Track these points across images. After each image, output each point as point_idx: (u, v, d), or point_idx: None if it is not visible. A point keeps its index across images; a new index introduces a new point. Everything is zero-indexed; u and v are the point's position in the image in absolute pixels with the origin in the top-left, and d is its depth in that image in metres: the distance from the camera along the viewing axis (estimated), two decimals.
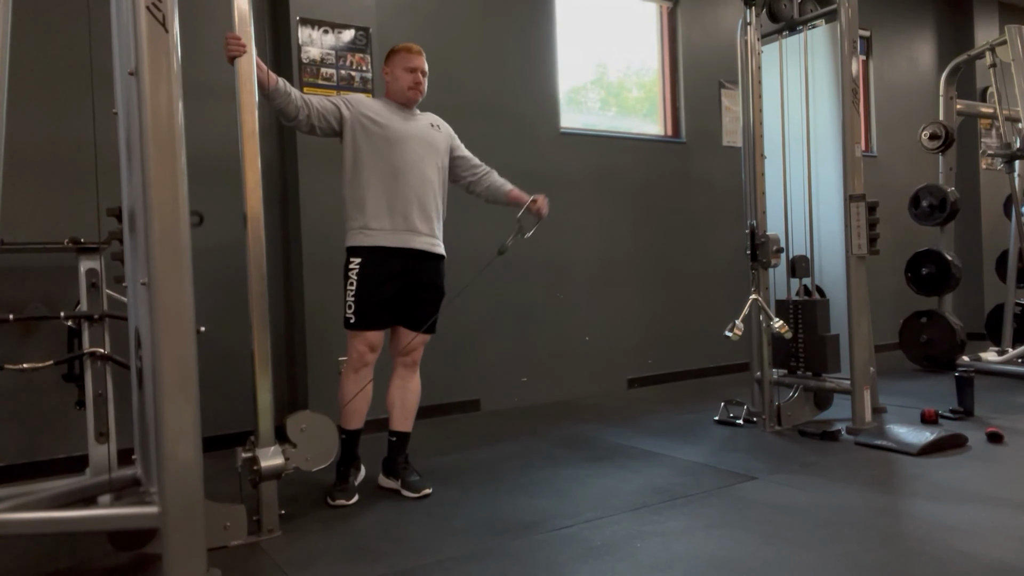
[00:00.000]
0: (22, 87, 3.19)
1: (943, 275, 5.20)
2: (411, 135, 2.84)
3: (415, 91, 2.89)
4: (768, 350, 3.66)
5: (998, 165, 5.65)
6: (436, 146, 2.91)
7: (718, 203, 5.48)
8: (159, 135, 1.95)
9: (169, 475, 1.94)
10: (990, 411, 3.82)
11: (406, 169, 2.79)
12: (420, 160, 2.83)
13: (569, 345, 4.81)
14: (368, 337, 2.76)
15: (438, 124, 2.98)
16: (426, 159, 2.86)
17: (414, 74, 2.88)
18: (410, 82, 2.87)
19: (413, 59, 2.89)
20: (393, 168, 2.78)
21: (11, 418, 3.18)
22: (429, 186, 2.85)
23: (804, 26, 3.91)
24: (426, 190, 2.84)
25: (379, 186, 2.77)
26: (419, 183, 2.82)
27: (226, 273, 3.42)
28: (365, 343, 2.76)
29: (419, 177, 2.82)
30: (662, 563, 2.07)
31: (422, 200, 2.82)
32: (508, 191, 3.07)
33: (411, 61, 2.88)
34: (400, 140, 2.81)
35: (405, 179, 2.79)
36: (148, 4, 1.92)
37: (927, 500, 2.52)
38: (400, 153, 2.80)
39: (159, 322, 1.95)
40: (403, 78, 2.87)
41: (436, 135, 2.93)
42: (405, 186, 2.78)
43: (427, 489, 2.77)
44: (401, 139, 2.81)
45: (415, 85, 2.88)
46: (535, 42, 4.73)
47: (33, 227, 3.18)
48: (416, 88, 2.89)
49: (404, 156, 2.80)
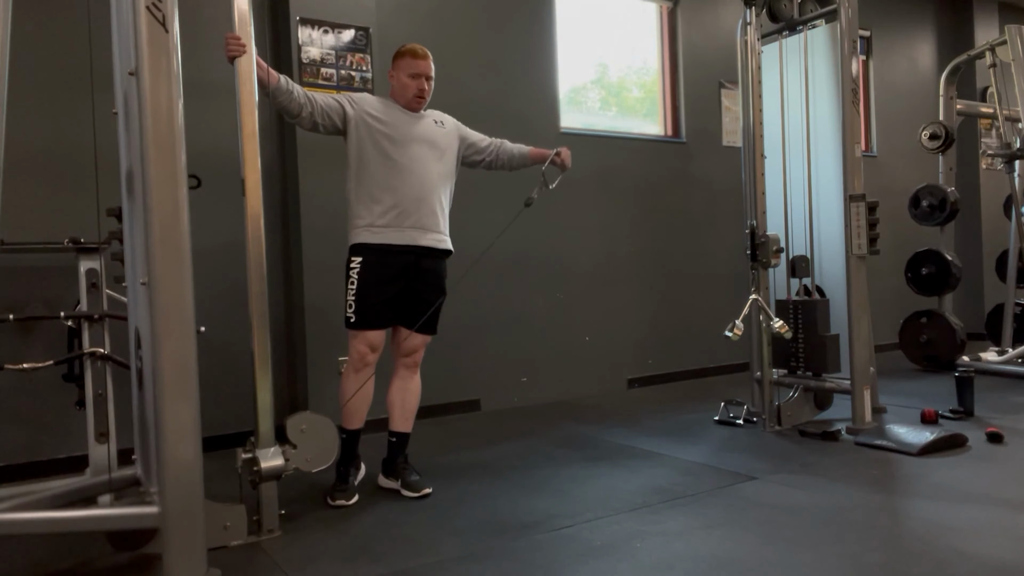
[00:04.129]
0: (22, 87, 3.19)
1: (943, 275, 5.20)
2: (416, 134, 2.83)
3: (420, 99, 2.86)
4: (768, 350, 3.66)
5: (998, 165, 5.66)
6: (440, 144, 2.89)
7: (718, 203, 5.48)
8: (159, 135, 1.95)
9: (169, 475, 1.94)
10: (990, 411, 3.82)
11: (411, 168, 2.78)
12: (425, 159, 2.82)
13: (569, 345, 4.81)
14: (368, 337, 2.76)
15: (442, 120, 2.95)
16: (430, 157, 2.84)
17: (418, 81, 2.83)
18: (415, 90, 2.83)
19: (418, 65, 2.83)
20: (398, 167, 2.77)
21: (11, 418, 3.18)
22: (434, 184, 2.84)
23: (804, 26, 3.90)
24: (431, 188, 2.82)
25: (385, 184, 2.76)
26: (424, 181, 2.80)
27: (226, 273, 3.42)
28: (365, 343, 2.76)
29: (424, 175, 2.81)
30: (662, 563, 2.07)
31: (428, 198, 2.81)
32: (528, 152, 3.14)
33: (415, 67, 2.83)
34: (405, 139, 2.80)
35: (411, 177, 2.78)
36: (148, 4, 1.92)
37: (927, 500, 2.52)
38: (404, 151, 2.78)
39: (159, 322, 1.95)
40: (408, 86, 2.83)
41: (440, 132, 2.91)
42: (410, 184, 2.77)
43: (427, 489, 2.77)
44: (405, 139, 2.80)
45: (420, 93, 2.84)
46: (535, 42, 4.73)
47: (33, 227, 3.18)
48: (421, 96, 2.85)
49: (409, 155, 2.79)
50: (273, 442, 2.42)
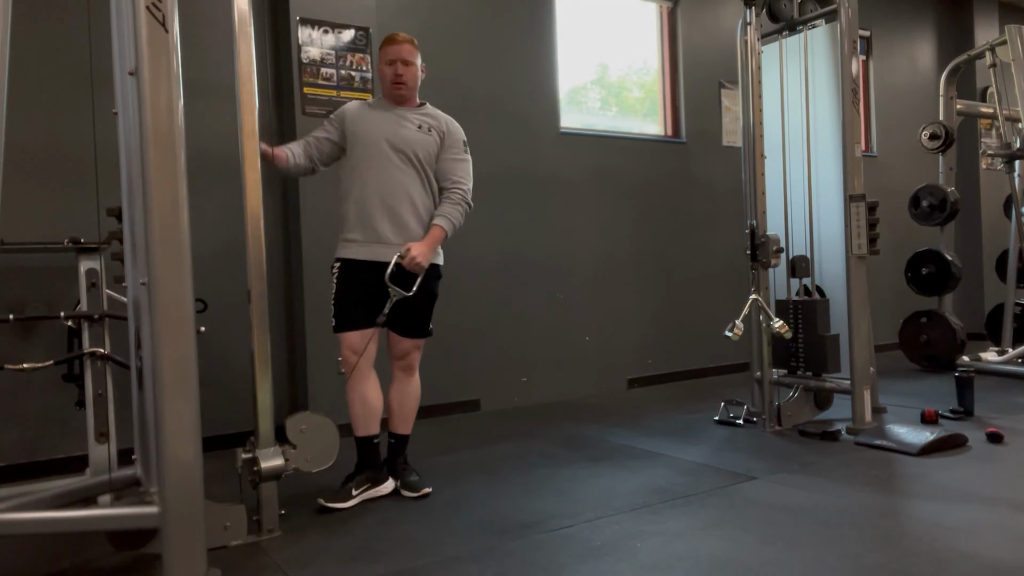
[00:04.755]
0: (22, 87, 3.19)
1: (943, 275, 5.20)
2: (380, 135, 2.69)
3: (398, 86, 2.71)
4: (768, 350, 3.66)
5: (998, 165, 5.65)
6: (408, 149, 2.69)
7: (718, 203, 5.48)
8: (159, 135, 1.94)
9: (169, 475, 1.94)
10: (990, 411, 3.82)
11: (372, 174, 2.68)
12: (386, 162, 2.68)
13: (569, 345, 4.81)
14: (348, 339, 2.72)
15: (431, 126, 2.75)
16: (394, 159, 2.68)
17: (393, 67, 2.70)
18: (391, 76, 2.71)
19: (390, 51, 2.70)
20: (361, 175, 2.70)
21: (11, 418, 3.18)
22: (401, 189, 2.68)
23: (804, 26, 3.90)
24: (397, 194, 2.68)
25: (352, 195, 2.72)
26: (386, 188, 2.67)
27: (226, 273, 3.42)
28: (347, 345, 2.73)
29: (386, 181, 2.67)
30: (662, 563, 2.07)
31: (392, 207, 2.67)
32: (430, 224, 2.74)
33: (388, 53, 2.71)
34: (367, 142, 2.70)
35: (372, 185, 2.68)
36: (148, 4, 1.92)
37: (927, 500, 2.52)
38: (364, 155, 2.70)
39: (159, 322, 1.95)
40: (385, 74, 2.73)
41: (416, 137, 2.71)
42: (372, 193, 2.68)
43: (427, 489, 2.77)
44: (368, 141, 2.70)
45: (396, 79, 2.70)
46: (535, 42, 4.73)
47: (33, 227, 3.18)
48: (398, 82, 2.70)
49: (369, 159, 2.69)
50: (273, 442, 2.42)
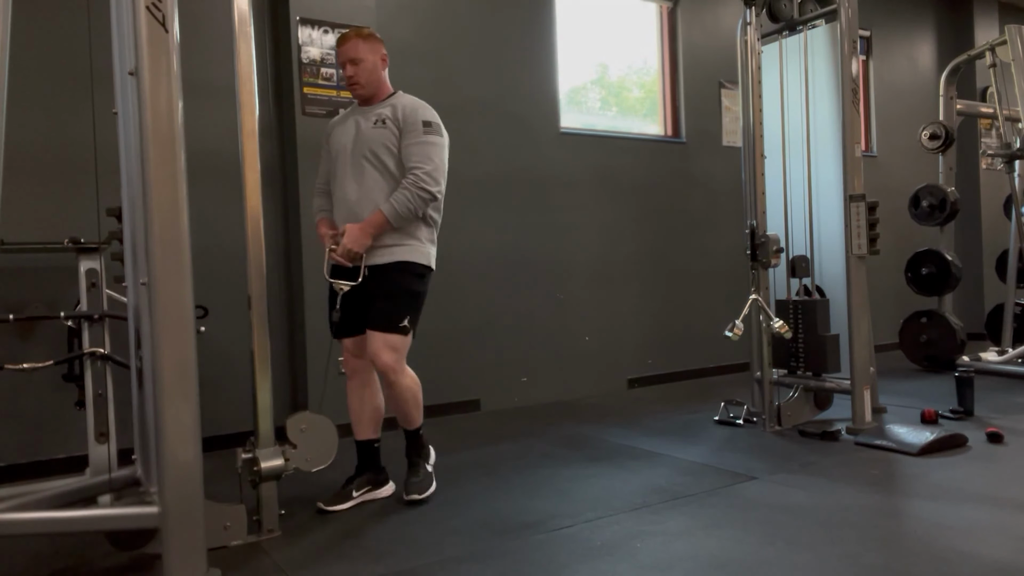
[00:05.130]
0: (22, 87, 3.19)
1: (943, 275, 5.20)
2: (345, 143, 2.68)
3: (352, 87, 2.66)
4: (768, 350, 3.66)
5: (998, 165, 5.65)
6: (368, 144, 2.62)
7: (718, 203, 5.48)
8: (159, 135, 1.95)
9: (169, 475, 1.94)
10: (990, 411, 3.82)
11: (338, 185, 2.68)
12: (351, 169, 2.64)
13: (569, 345, 4.81)
14: (344, 344, 2.76)
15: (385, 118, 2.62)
16: (359, 165, 2.63)
17: (344, 69, 2.64)
18: (345, 79, 2.66)
19: (339, 53, 2.64)
20: (335, 188, 2.71)
21: (11, 418, 3.18)
22: (366, 196, 2.61)
23: (804, 26, 3.90)
24: (362, 202, 2.61)
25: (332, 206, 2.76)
26: (351, 197, 2.63)
27: (226, 273, 3.42)
28: (345, 349, 2.77)
29: (349, 186, 2.64)
30: (662, 563, 2.07)
31: (356, 212, 2.61)
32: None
33: (339, 56, 2.65)
34: (336, 153, 2.70)
35: (339, 198, 2.68)
36: (148, 4, 1.92)
37: (927, 500, 2.52)
38: (335, 167, 2.70)
39: (159, 322, 1.95)
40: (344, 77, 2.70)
41: (370, 133, 2.63)
42: (339, 201, 2.68)
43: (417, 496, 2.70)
44: (337, 151, 2.70)
45: (349, 80, 2.65)
46: (535, 42, 4.73)
47: (33, 227, 3.18)
48: (352, 83, 2.64)
49: (336, 171, 2.69)
50: (273, 442, 2.42)
